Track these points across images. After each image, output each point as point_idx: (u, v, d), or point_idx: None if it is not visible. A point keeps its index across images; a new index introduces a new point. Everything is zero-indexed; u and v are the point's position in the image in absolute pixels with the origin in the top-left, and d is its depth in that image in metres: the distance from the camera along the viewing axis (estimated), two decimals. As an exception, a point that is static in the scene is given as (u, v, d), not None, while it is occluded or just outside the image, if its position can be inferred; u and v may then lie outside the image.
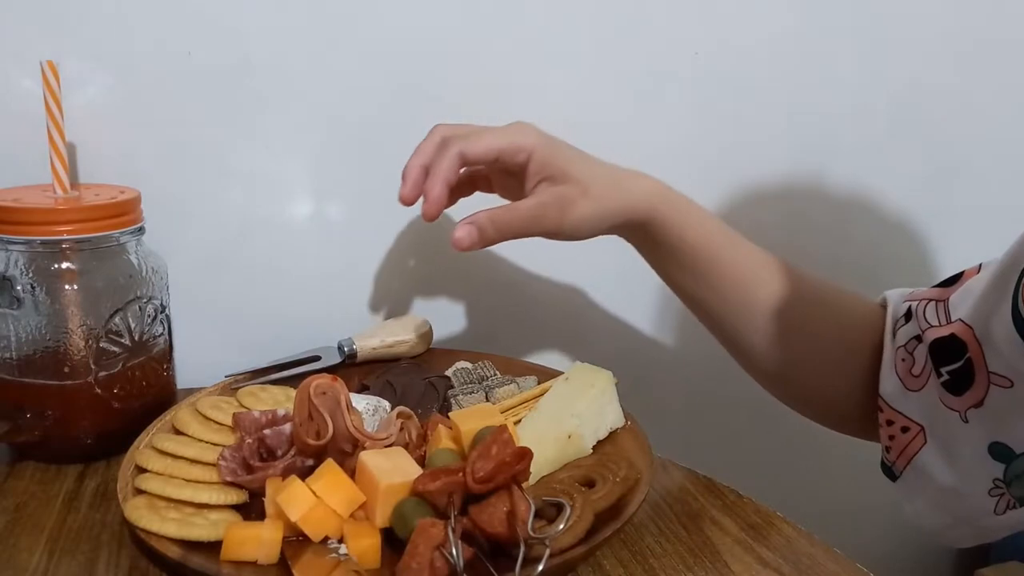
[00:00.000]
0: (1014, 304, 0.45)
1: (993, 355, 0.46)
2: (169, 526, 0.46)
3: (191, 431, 0.54)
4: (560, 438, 0.54)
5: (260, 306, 0.73)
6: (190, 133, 0.68)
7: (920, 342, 0.52)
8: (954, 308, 0.51)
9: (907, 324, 0.54)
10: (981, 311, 0.48)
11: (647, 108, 0.78)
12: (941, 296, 0.52)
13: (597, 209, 0.55)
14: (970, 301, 0.49)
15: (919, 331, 0.52)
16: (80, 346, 0.56)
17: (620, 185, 0.57)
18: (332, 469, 0.47)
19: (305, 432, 0.49)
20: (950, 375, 0.49)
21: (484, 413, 0.53)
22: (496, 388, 0.62)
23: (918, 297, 0.54)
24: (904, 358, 0.53)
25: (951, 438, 0.50)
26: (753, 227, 0.84)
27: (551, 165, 0.55)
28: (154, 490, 0.49)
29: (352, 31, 0.70)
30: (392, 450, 0.49)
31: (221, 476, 0.49)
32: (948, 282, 0.54)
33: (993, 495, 0.49)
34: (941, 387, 0.49)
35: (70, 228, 0.55)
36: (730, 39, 0.78)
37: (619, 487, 0.50)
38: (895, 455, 0.54)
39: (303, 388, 0.50)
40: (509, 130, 0.56)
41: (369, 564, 0.44)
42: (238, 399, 0.59)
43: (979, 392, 0.47)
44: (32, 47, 0.63)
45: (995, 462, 0.48)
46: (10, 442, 0.57)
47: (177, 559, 0.44)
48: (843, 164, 0.84)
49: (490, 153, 0.55)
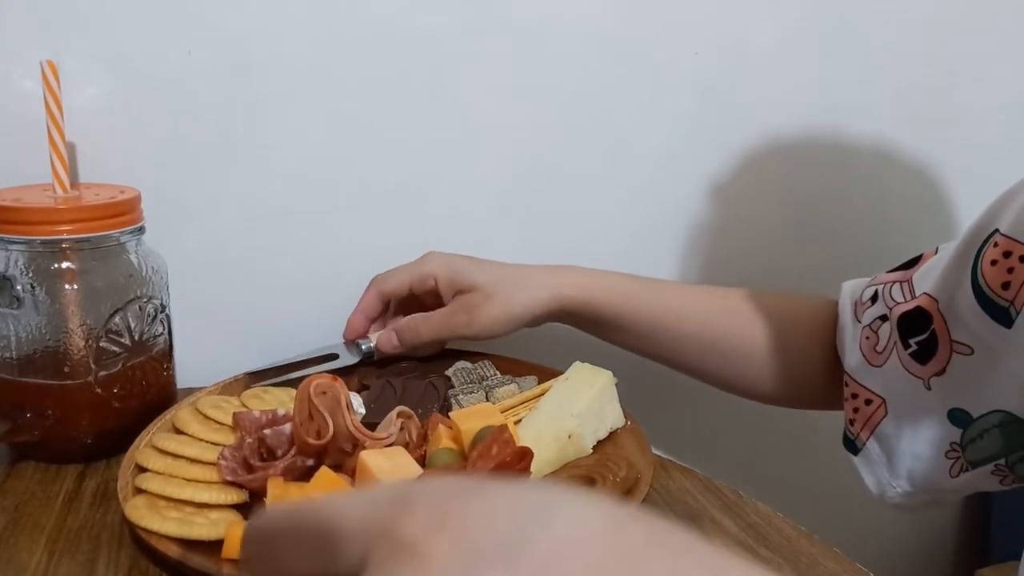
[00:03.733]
0: (973, 275, 0.48)
1: (955, 324, 0.50)
2: (169, 525, 0.46)
3: (191, 430, 0.54)
4: (560, 438, 0.54)
5: (260, 306, 0.73)
6: (190, 133, 0.68)
7: (885, 321, 0.56)
8: (918, 284, 0.54)
9: (873, 306, 0.57)
10: (944, 284, 0.51)
11: (647, 108, 0.78)
12: (904, 277, 0.56)
13: (503, 309, 0.63)
14: (933, 276, 0.53)
15: (886, 310, 0.56)
16: (80, 346, 0.56)
17: (524, 284, 0.65)
18: (327, 476, 0.47)
19: (305, 432, 0.49)
20: (918, 345, 0.52)
21: (484, 413, 0.53)
22: (496, 388, 0.62)
23: (882, 281, 0.58)
24: (868, 336, 0.57)
25: (913, 407, 0.53)
26: (753, 227, 0.84)
27: (458, 281, 0.64)
28: (154, 489, 0.48)
29: (352, 30, 0.70)
30: (392, 450, 0.49)
31: (221, 476, 0.49)
32: (908, 264, 0.57)
33: (949, 458, 0.52)
34: (909, 357, 0.53)
35: (70, 228, 0.55)
36: (730, 39, 0.78)
37: (619, 487, 0.50)
38: (859, 427, 0.58)
39: (303, 388, 0.50)
40: (417, 263, 0.67)
41: None
42: (242, 400, 0.59)
43: (942, 361, 0.51)
44: (32, 47, 0.63)
45: (953, 427, 0.51)
46: (10, 442, 0.57)
47: (177, 558, 0.44)
48: (843, 164, 0.84)
49: (402, 286, 0.67)
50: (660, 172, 0.80)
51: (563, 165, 0.77)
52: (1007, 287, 0.47)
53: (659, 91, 0.77)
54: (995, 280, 0.47)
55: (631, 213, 0.80)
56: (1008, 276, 0.47)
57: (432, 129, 0.73)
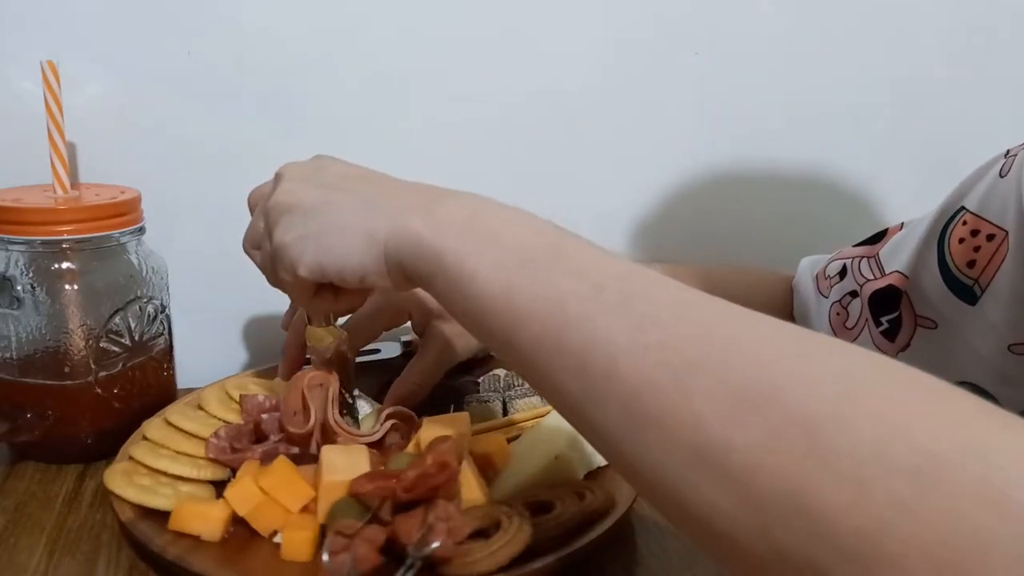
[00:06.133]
0: (940, 252, 0.50)
1: (920, 301, 0.51)
2: (131, 491, 0.47)
3: (210, 408, 0.55)
4: (547, 458, 0.51)
5: (260, 306, 0.73)
6: (190, 133, 0.68)
7: (855, 297, 0.56)
8: (886, 260, 0.55)
9: (842, 281, 0.58)
10: (914, 260, 0.52)
11: (647, 108, 0.78)
12: (870, 252, 0.57)
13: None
14: (905, 252, 0.54)
15: (856, 286, 0.56)
16: (80, 346, 0.56)
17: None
18: (283, 466, 0.48)
19: (292, 421, 0.51)
20: (889, 323, 0.53)
21: (453, 422, 0.52)
22: (517, 399, 0.61)
23: (848, 255, 0.58)
24: (839, 312, 0.57)
25: None
26: (752, 227, 0.84)
27: (433, 309, 0.59)
28: (137, 456, 0.50)
29: (352, 30, 0.70)
30: (352, 448, 0.50)
31: (206, 452, 0.51)
32: (874, 239, 0.58)
33: None
34: (880, 335, 0.53)
35: (70, 228, 0.55)
36: (730, 39, 0.78)
37: (576, 517, 0.46)
38: None
39: (298, 379, 0.52)
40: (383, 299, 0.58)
41: (296, 556, 0.45)
42: (271, 386, 0.58)
43: (907, 335, 0.52)
44: (32, 47, 0.63)
45: None
46: (10, 442, 0.57)
47: (126, 521, 0.46)
48: (843, 164, 0.84)
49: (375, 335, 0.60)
50: (659, 171, 0.80)
51: (563, 165, 0.77)
52: (972, 265, 0.48)
53: (659, 91, 0.77)
54: (961, 258, 0.48)
55: (631, 213, 0.80)
56: (974, 255, 0.47)
57: (432, 129, 0.73)
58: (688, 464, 0.27)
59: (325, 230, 0.41)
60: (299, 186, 0.44)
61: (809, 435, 0.24)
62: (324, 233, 0.41)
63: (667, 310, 0.30)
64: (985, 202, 0.48)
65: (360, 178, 0.44)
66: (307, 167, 0.46)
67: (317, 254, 0.41)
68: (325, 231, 0.41)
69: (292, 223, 0.42)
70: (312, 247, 0.41)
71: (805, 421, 0.24)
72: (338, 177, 0.44)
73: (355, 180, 0.43)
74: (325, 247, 0.41)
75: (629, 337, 0.29)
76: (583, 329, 0.31)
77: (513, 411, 0.60)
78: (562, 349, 0.31)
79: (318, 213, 0.41)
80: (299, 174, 0.45)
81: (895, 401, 0.24)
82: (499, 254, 0.35)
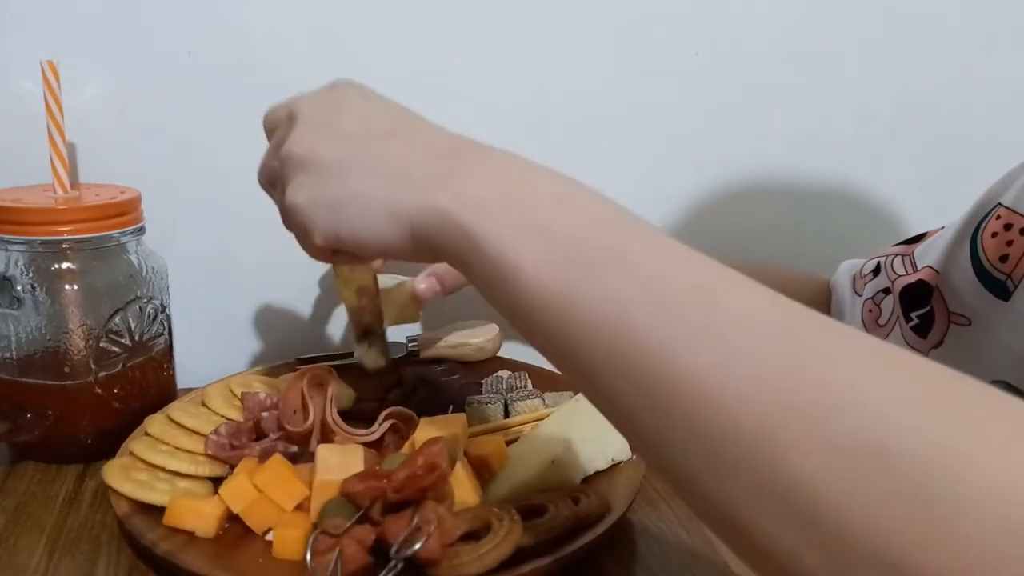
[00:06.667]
0: (972, 248, 0.49)
1: (953, 297, 0.50)
2: (128, 485, 0.47)
3: (213, 405, 0.55)
4: (543, 462, 0.51)
5: (260, 306, 0.73)
6: (190, 133, 0.68)
7: (888, 294, 0.56)
8: (920, 258, 0.55)
9: (875, 279, 0.57)
10: (945, 256, 0.52)
11: (647, 108, 0.78)
12: (906, 251, 0.56)
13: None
14: (937, 249, 0.53)
15: (888, 283, 0.56)
16: (80, 346, 0.56)
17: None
18: (277, 464, 0.48)
19: (292, 421, 0.51)
20: (919, 319, 0.52)
21: (449, 423, 0.52)
22: (519, 401, 0.60)
23: (884, 253, 0.58)
24: (871, 309, 0.57)
25: None
26: (752, 227, 0.84)
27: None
28: (137, 452, 0.50)
29: (352, 30, 0.70)
30: (347, 447, 0.50)
31: (205, 448, 0.51)
32: (912, 240, 0.57)
33: None
34: (911, 331, 0.53)
35: (70, 228, 0.55)
36: (730, 39, 0.78)
37: (569, 522, 0.46)
38: None
39: (298, 377, 0.52)
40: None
41: (288, 554, 0.45)
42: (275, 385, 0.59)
43: (940, 332, 0.51)
44: (32, 47, 0.63)
45: None
46: (10, 442, 0.57)
47: (122, 516, 0.46)
48: (843, 164, 0.84)
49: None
50: (659, 171, 0.80)
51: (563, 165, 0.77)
52: (1005, 260, 0.47)
53: (659, 91, 0.77)
54: (994, 253, 0.47)
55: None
56: (1007, 249, 0.47)
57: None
58: (776, 515, 0.24)
59: (342, 200, 0.36)
60: (315, 135, 0.38)
61: (923, 503, 0.22)
62: (341, 203, 0.36)
63: (761, 337, 0.26)
64: (1020, 197, 0.48)
65: (382, 130, 0.38)
66: (326, 104, 0.40)
67: (335, 225, 0.36)
68: (342, 201, 0.36)
69: (305, 183, 0.37)
70: (327, 215, 0.36)
71: (918, 488, 0.22)
72: (359, 124, 0.38)
73: (377, 132, 0.38)
74: (343, 219, 0.36)
75: (715, 372, 0.25)
76: (654, 352, 0.26)
77: (515, 413, 0.60)
78: (631, 374, 0.27)
79: (333, 175, 0.36)
80: (316, 116, 0.39)
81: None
82: (546, 246, 0.30)
